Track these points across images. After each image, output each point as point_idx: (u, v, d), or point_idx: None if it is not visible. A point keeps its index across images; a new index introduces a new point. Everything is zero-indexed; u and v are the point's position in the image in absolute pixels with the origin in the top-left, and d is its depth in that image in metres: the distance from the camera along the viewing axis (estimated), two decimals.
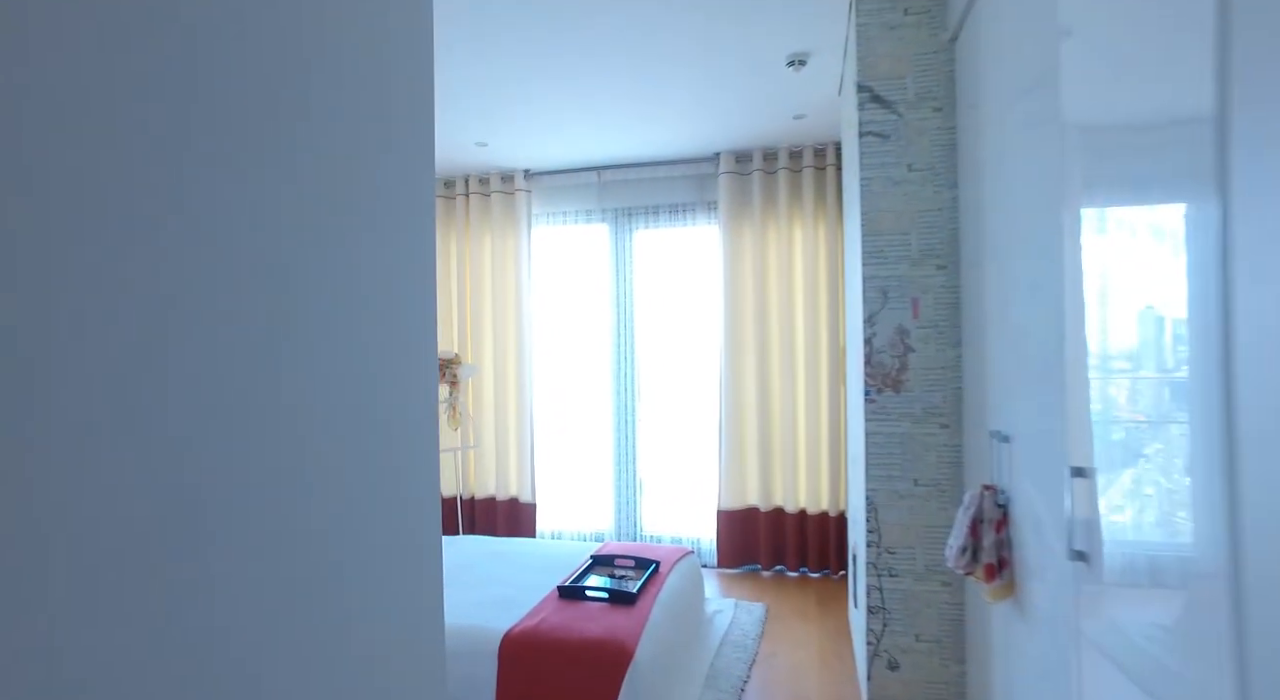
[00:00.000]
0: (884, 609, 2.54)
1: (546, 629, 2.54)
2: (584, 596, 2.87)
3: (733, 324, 4.72)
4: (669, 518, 5.03)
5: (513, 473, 5.16)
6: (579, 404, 5.23)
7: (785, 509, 4.64)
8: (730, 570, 4.72)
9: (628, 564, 3.35)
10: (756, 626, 3.64)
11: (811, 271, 4.60)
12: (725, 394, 4.70)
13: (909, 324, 2.52)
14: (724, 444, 4.70)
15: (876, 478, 2.56)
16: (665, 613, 2.89)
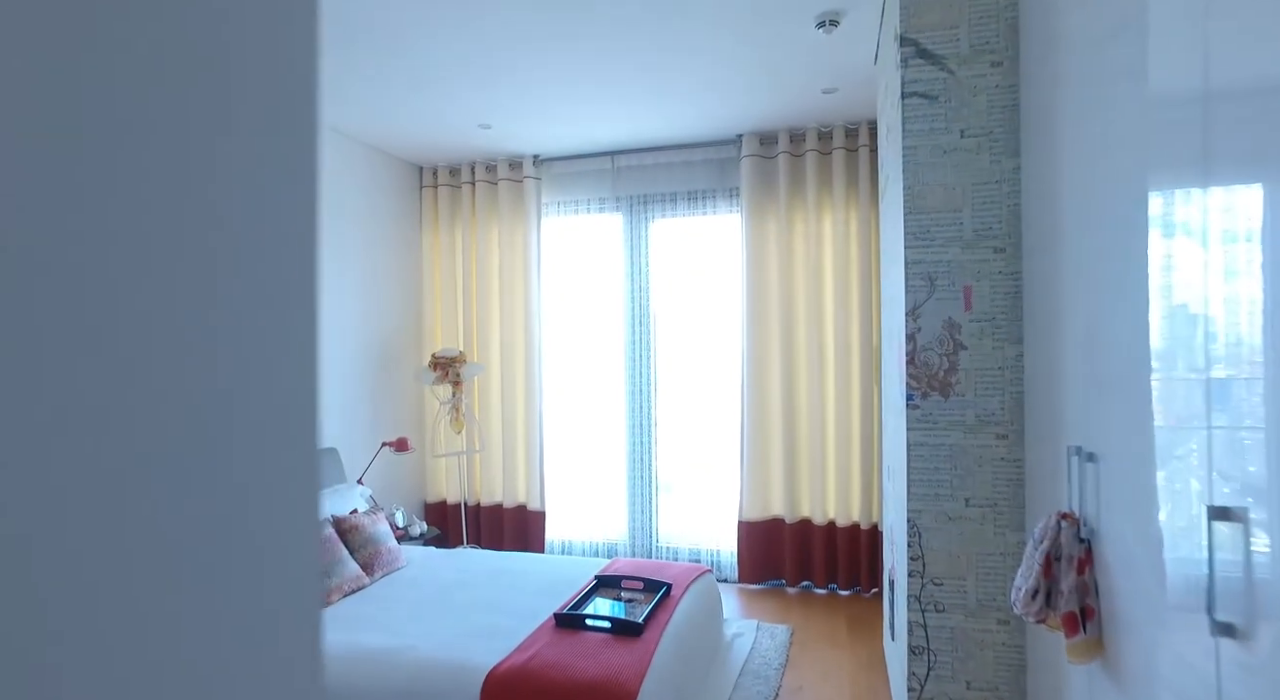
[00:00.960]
0: (929, 649, 2.18)
1: (537, 667, 2.22)
2: (584, 626, 2.55)
3: (756, 320, 4.36)
4: (687, 528, 4.69)
5: (521, 479, 4.85)
6: (591, 406, 4.90)
7: (813, 520, 4.27)
8: (753, 586, 4.37)
9: (636, 586, 3.01)
10: (780, 653, 3.28)
11: (842, 263, 4.23)
12: (748, 396, 4.35)
13: (960, 317, 2.16)
14: (746, 450, 4.35)
15: (920, 496, 2.20)
16: (676, 644, 2.55)
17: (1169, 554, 1.14)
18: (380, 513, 3.44)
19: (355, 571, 3.02)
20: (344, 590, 2.91)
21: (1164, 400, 1.16)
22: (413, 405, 4.95)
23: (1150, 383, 1.20)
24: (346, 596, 2.92)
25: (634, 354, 4.73)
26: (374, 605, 2.81)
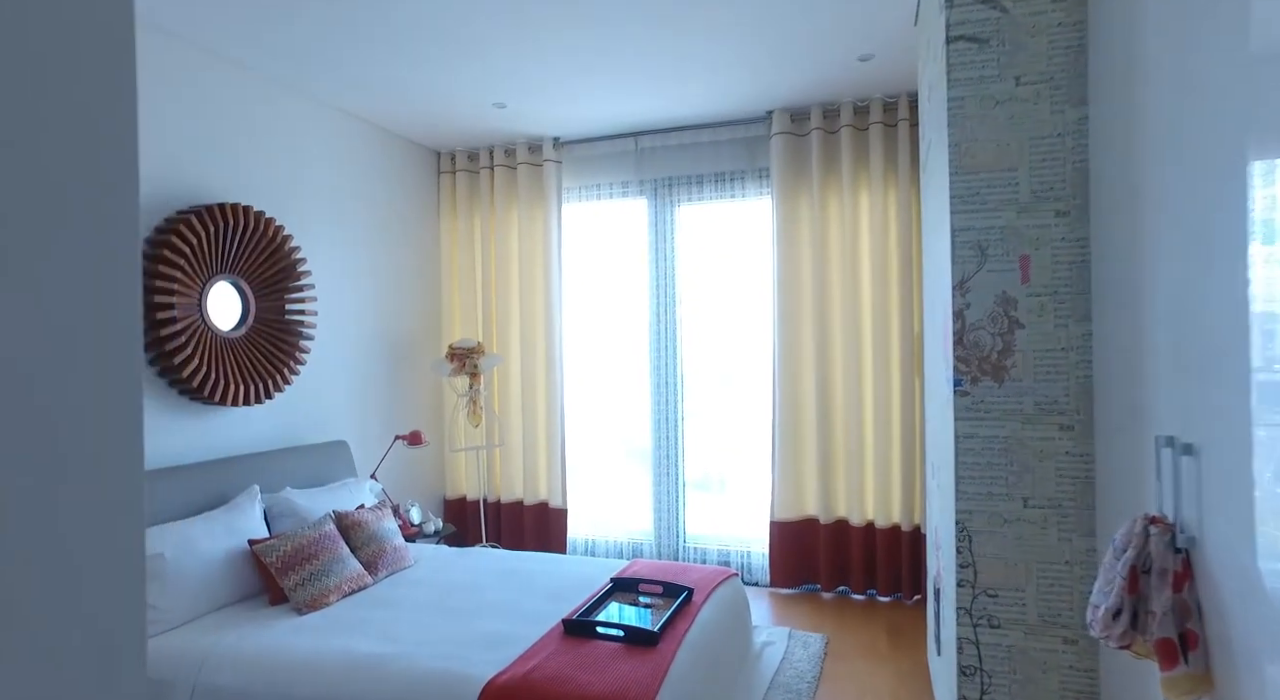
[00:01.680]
0: (981, 670, 1.92)
1: (540, 680, 2.01)
2: (594, 634, 2.33)
3: (788, 309, 4.10)
4: (716, 528, 4.45)
5: (541, 475, 4.66)
6: (615, 399, 4.69)
7: (849, 521, 4.00)
8: (785, 591, 4.11)
9: (655, 591, 2.79)
10: (814, 665, 3.03)
11: (880, 247, 3.94)
12: (780, 388, 4.09)
13: (1015, 290, 1.89)
14: (778, 445, 4.09)
15: (971, 495, 1.94)
16: (695, 656, 2.32)
17: None
18: (386, 509, 3.27)
19: (356, 570, 2.85)
20: (343, 591, 2.74)
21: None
22: (430, 398, 4.80)
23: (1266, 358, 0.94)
24: (346, 597, 2.75)
25: (659, 345, 4.50)
26: (373, 608, 2.63)
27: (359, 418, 4.10)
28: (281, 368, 3.44)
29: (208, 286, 3.12)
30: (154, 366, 2.95)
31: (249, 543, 2.74)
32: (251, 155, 3.44)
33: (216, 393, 3.10)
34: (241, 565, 2.72)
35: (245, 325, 3.30)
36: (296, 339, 3.52)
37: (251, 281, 3.33)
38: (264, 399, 3.36)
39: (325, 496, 3.22)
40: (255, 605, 2.68)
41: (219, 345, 3.15)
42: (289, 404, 3.60)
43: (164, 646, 2.37)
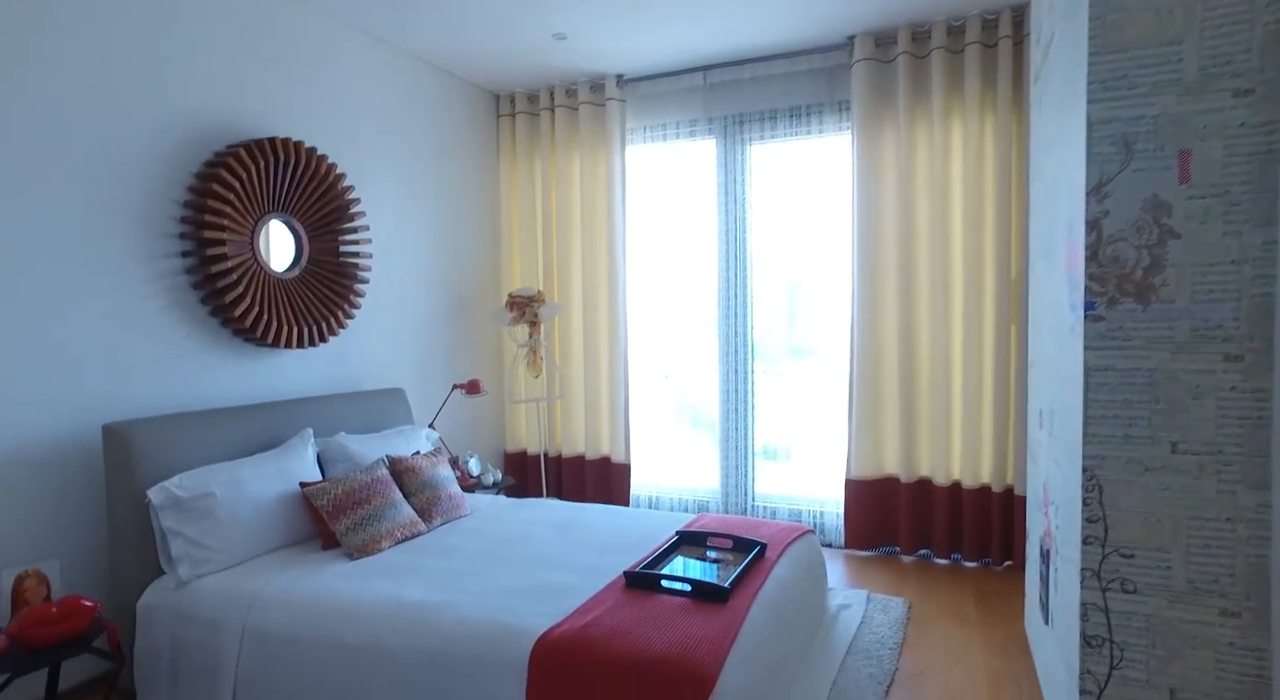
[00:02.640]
0: (1111, 641, 1.64)
1: (597, 635, 1.83)
2: (659, 588, 2.14)
3: (869, 253, 3.76)
4: (787, 485, 4.20)
5: (604, 428, 4.49)
6: (681, 350, 4.46)
7: (933, 481, 3.69)
8: (861, 553, 3.85)
9: (724, 545, 2.57)
10: (896, 630, 2.78)
11: (975, 181, 3.56)
12: (859, 338, 3.78)
13: (1171, 193, 1.56)
14: (856, 399, 3.80)
15: (1103, 439, 1.64)
16: (769, 616, 2.10)
17: None
18: (442, 456, 3.14)
19: (409, 517, 2.73)
20: (396, 537, 2.62)
21: None
22: (490, 348, 4.67)
23: None
24: (399, 544, 2.63)
25: (728, 293, 4.24)
26: (425, 555, 2.50)
27: (416, 366, 4.00)
28: (336, 311, 3.33)
29: (260, 225, 3.00)
30: (206, 305, 2.87)
31: (300, 485, 2.65)
32: (304, 91, 3.30)
33: (270, 334, 3.01)
34: (293, 508, 2.63)
35: (299, 266, 3.19)
36: (351, 282, 3.40)
37: (304, 221, 3.22)
38: (318, 342, 3.26)
39: (380, 443, 3.11)
40: (308, 549, 2.59)
41: (272, 286, 3.05)
42: (344, 349, 3.51)
43: (214, 586, 2.29)
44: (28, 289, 2.31)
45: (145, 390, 2.65)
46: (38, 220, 2.34)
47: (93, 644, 2.01)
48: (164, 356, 2.72)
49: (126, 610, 2.39)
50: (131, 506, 2.38)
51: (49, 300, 2.37)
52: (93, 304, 2.49)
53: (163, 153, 2.71)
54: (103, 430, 2.43)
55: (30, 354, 2.32)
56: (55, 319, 2.38)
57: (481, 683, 1.84)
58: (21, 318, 2.30)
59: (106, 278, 2.53)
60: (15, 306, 2.28)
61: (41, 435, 2.35)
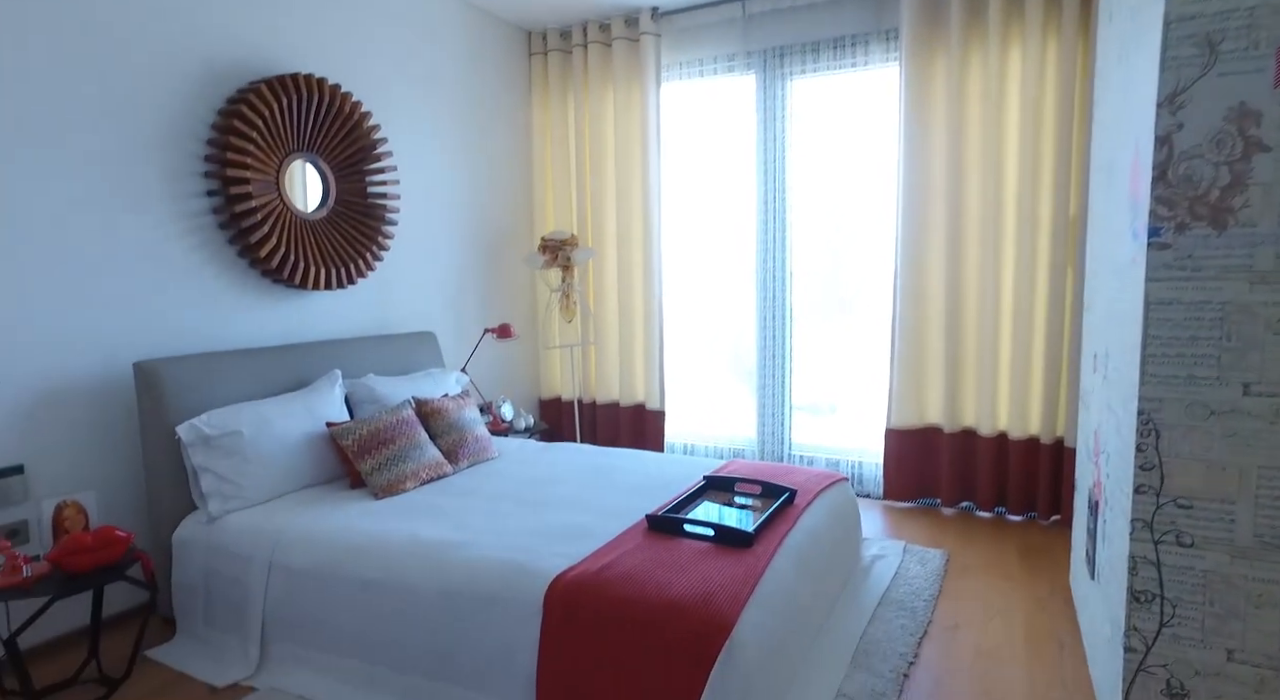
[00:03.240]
0: (1162, 597, 1.52)
1: (613, 577, 1.78)
2: (681, 532, 2.08)
3: (915, 192, 3.55)
4: (825, 435, 4.09)
5: (639, 375, 4.42)
6: (717, 295, 4.33)
7: (978, 431, 3.54)
8: (900, 504, 3.74)
9: (752, 490, 2.50)
10: (932, 582, 2.69)
11: (1033, 112, 3.30)
12: (902, 281, 3.60)
13: (1262, 99, 1.37)
14: (898, 345, 3.64)
15: (1162, 379, 1.49)
16: (794, 563, 2.03)
17: None
18: (469, 399, 3.12)
19: (435, 458, 2.72)
20: (421, 477, 2.61)
21: None
22: (523, 293, 4.61)
23: None
24: (424, 484, 2.62)
25: (766, 236, 4.07)
26: (449, 495, 2.49)
27: (448, 310, 3.96)
28: (364, 253, 3.29)
29: (285, 165, 2.96)
30: (234, 246, 2.85)
31: (327, 425, 2.65)
32: (328, 27, 3.21)
33: (297, 275, 2.99)
34: (321, 448, 2.63)
35: (326, 207, 3.15)
36: (379, 223, 3.35)
37: (331, 161, 3.16)
38: (347, 284, 3.23)
39: (408, 385, 3.10)
40: (335, 488, 2.60)
41: (300, 227, 3.01)
42: (375, 292, 3.48)
43: (243, 522, 2.32)
44: (60, 229, 2.31)
45: (176, 329, 2.67)
46: (64, 161, 2.32)
47: (127, 573, 2.05)
48: (194, 296, 2.73)
49: (163, 543, 2.44)
50: (164, 443, 2.41)
51: (81, 240, 2.37)
52: (123, 244, 2.49)
53: (185, 91, 2.67)
54: (134, 368, 2.45)
55: (64, 292, 2.33)
56: (87, 258, 2.39)
57: (497, 622, 1.82)
58: (55, 257, 2.30)
59: (135, 217, 2.52)
60: (48, 245, 2.28)
61: (78, 372, 2.38)
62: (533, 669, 1.75)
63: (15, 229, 2.22)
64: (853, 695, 1.95)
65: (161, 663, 2.26)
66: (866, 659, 2.14)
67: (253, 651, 2.17)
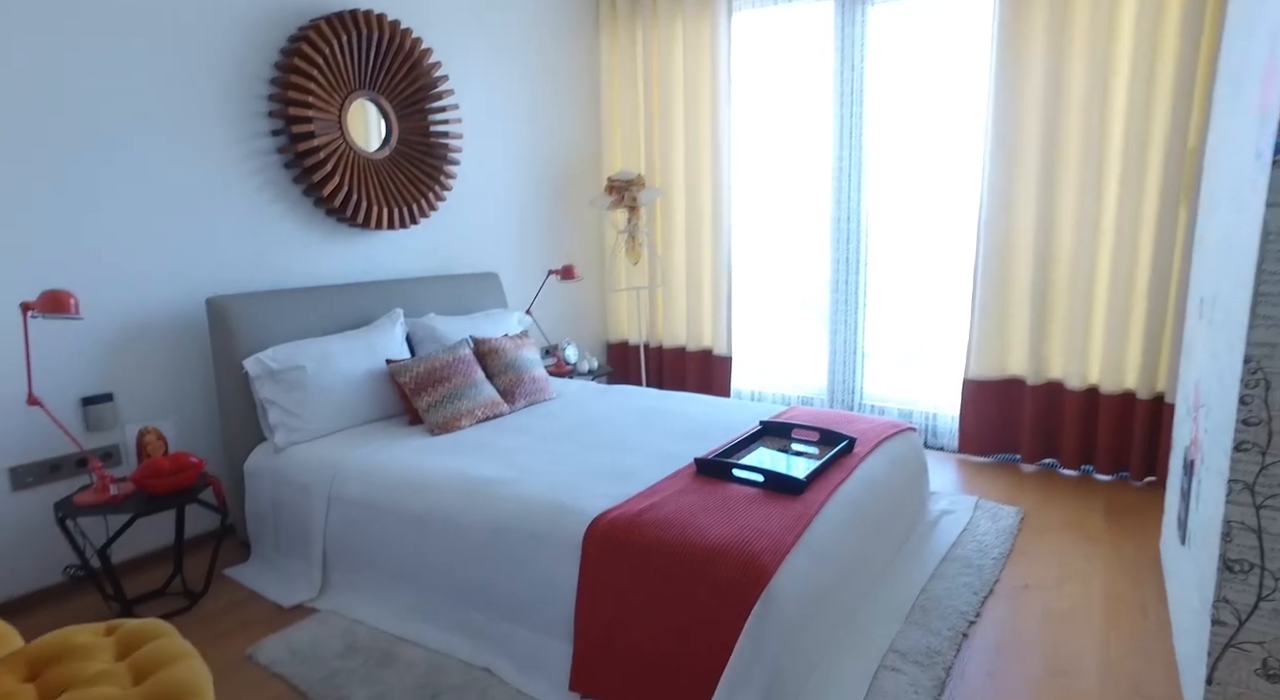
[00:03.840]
0: (1262, 567, 1.35)
1: (653, 520, 1.73)
2: (730, 476, 2.01)
3: (1007, 121, 3.25)
4: (899, 384, 3.90)
5: (706, 319, 4.33)
6: (788, 236, 4.15)
7: (1066, 384, 3.29)
8: (976, 458, 3.55)
9: (809, 437, 2.39)
10: (1004, 540, 2.54)
11: (1152, 27, 2.92)
12: (987, 221, 3.34)
13: None
14: (980, 291, 3.39)
15: (1275, 322, 1.29)
16: (848, 514, 1.93)
17: None
18: (528, 339, 3.10)
19: (491, 397, 2.73)
20: (476, 416, 2.63)
21: None
22: (591, 234, 4.55)
23: None
24: (479, 423, 2.64)
25: (841, 175, 3.84)
26: (502, 434, 2.50)
27: (512, 251, 3.95)
28: (427, 192, 3.29)
29: (347, 103, 2.96)
30: (298, 185, 2.90)
31: (387, 362, 2.69)
32: None
33: (360, 214, 3.02)
34: (381, 384, 2.68)
35: (389, 146, 3.15)
36: (442, 162, 3.34)
37: (392, 99, 3.14)
38: (409, 224, 3.25)
39: (468, 324, 3.11)
40: (394, 424, 2.66)
41: (362, 166, 3.03)
42: (437, 231, 3.49)
43: (306, 454, 2.40)
44: (139, 172, 2.39)
45: (246, 267, 2.75)
46: (132, 101, 2.38)
47: (199, 496, 2.16)
48: (262, 235, 2.79)
49: (236, 470, 2.56)
50: (234, 376, 2.51)
51: (158, 183, 2.45)
52: (195, 184, 2.56)
53: (247, 30, 2.68)
54: (206, 304, 2.54)
55: (144, 232, 2.42)
56: (163, 199, 2.47)
57: (538, 558, 1.81)
58: (135, 197, 2.39)
59: (205, 158, 2.58)
60: (129, 187, 2.37)
61: (158, 308, 2.49)
62: (571, 607, 1.75)
63: (101, 176, 2.30)
64: (906, 652, 1.86)
65: (237, 581, 2.39)
66: (924, 616, 2.04)
67: (316, 576, 2.27)
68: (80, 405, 2.33)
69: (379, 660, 1.88)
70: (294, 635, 2.02)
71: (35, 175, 2.19)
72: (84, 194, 2.30)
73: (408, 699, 1.72)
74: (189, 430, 2.62)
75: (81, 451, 2.17)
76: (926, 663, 1.82)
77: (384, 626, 2.04)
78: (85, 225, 2.31)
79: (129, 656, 1.38)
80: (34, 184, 2.19)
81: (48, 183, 2.22)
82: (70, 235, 2.28)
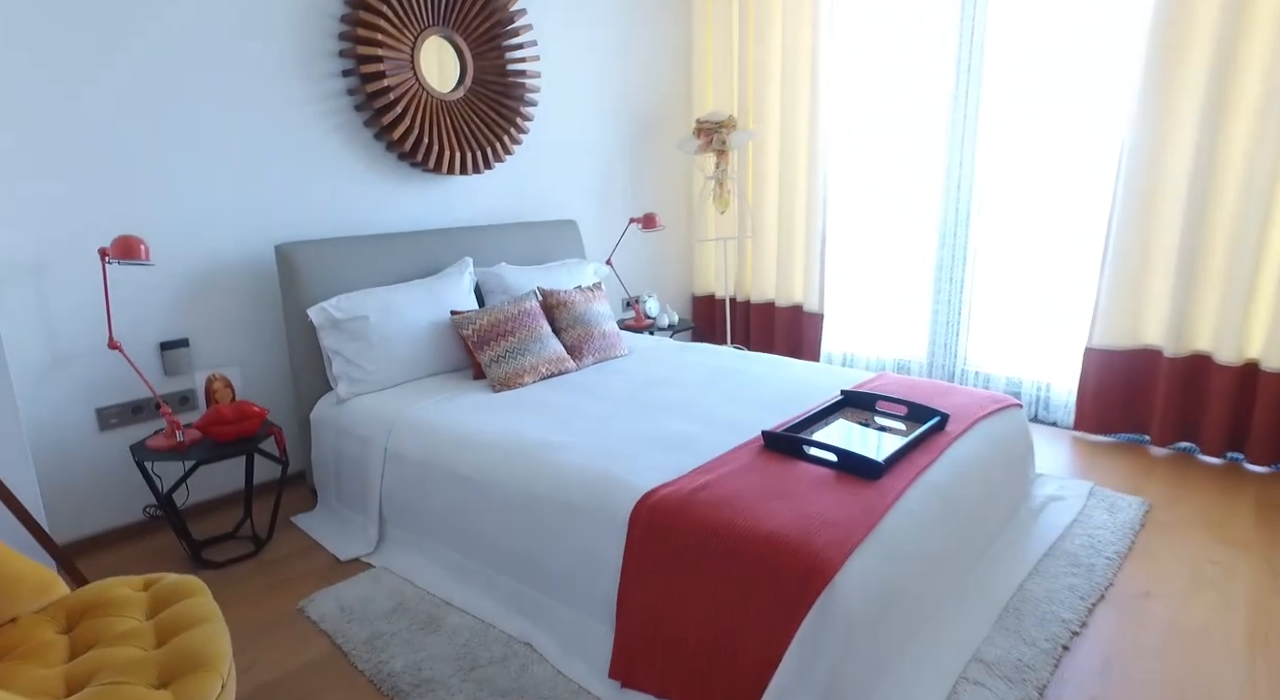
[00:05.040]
0: None
1: (706, 500, 1.57)
2: (800, 453, 1.81)
3: (1166, 48, 2.75)
4: (1007, 351, 3.52)
5: (798, 274, 4.05)
6: (891, 185, 3.77)
7: (1215, 358, 2.84)
8: (1095, 437, 3.16)
9: (896, 411, 2.14)
10: (1122, 536, 2.22)
11: None
12: (1127, 175, 2.88)
13: None
14: (1112, 248, 2.96)
15: None
16: (932, 503, 1.70)
17: None
18: (600, 291, 2.95)
19: (557, 353, 2.61)
20: (540, 372, 2.52)
21: None
22: (679, 181, 4.31)
23: None
24: (543, 379, 2.54)
25: (955, 115, 3.42)
26: (564, 393, 2.38)
27: (592, 197, 3.78)
28: (502, 135, 3.16)
29: (419, 42, 2.84)
30: (369, 129, 2.82)
31: (451, 314, 2.61)
32: None
33: (431, 159, 2.92)
34: (446, 336, 2.61)
35: (463, 86, 3.02)
36: (519, 103, 3.18)
37: (466, 35, 3.00)
38: (483, 169, 3.14)
39: (541, 275, 2.99)
40: (458, 378, 2.59)
41: (435, 108, 2.92)
42: (512, 177, 3.37)
43: (367, 406, 2.36)
44: (208, 116, 2.37)
45: (316, 213, 2.71)
46: (202, 42, 2.34)
47: (260, 446, 2.16)
48: (332, 180, 2.75)
49: (304, 419, 2.58)
50: (303, 324, 2.50)
51: (226, 126, 2.42)
52: (263, 127, 2.52)
53: None
54: (275, 250, 2.53)
55: (211, 175, 2.41)
56: (233, 143, 2.44)
57: (582, 532, 1.69)
58: (206, 142, 2.37)
59: (273, 98, 2.53)
60: (200, 131, 2.35)
61: (230, 254, 2.50)
62: (615, 589, 1.62)
63: (171, 121, 2.29)
64: (992, 662, 1.64)
65: (301, 529, 2.42)
66: (1017, 620, 1.79)
67: (372, 530, 2.26)
68: (159, 350, 2.38)
69: (424, 624, 1.84)
70: (345, 591, 2.00)
71: (116, 120, 2.19)
72: (160, 140, 2.29)
73: (447, 669, 1.66)
74: (262, 377, 2.65)
75: (155, 396, 2.21)
76: (1016, 678, 1.59)
77: (433, 588, 1.99)
78: (160, 171, 2.31)
79: (158, 615, 1.37)
80: (115, 129, 2.19)
81: (130, 127, 2.22)
82: (145, 181, 2.28)
